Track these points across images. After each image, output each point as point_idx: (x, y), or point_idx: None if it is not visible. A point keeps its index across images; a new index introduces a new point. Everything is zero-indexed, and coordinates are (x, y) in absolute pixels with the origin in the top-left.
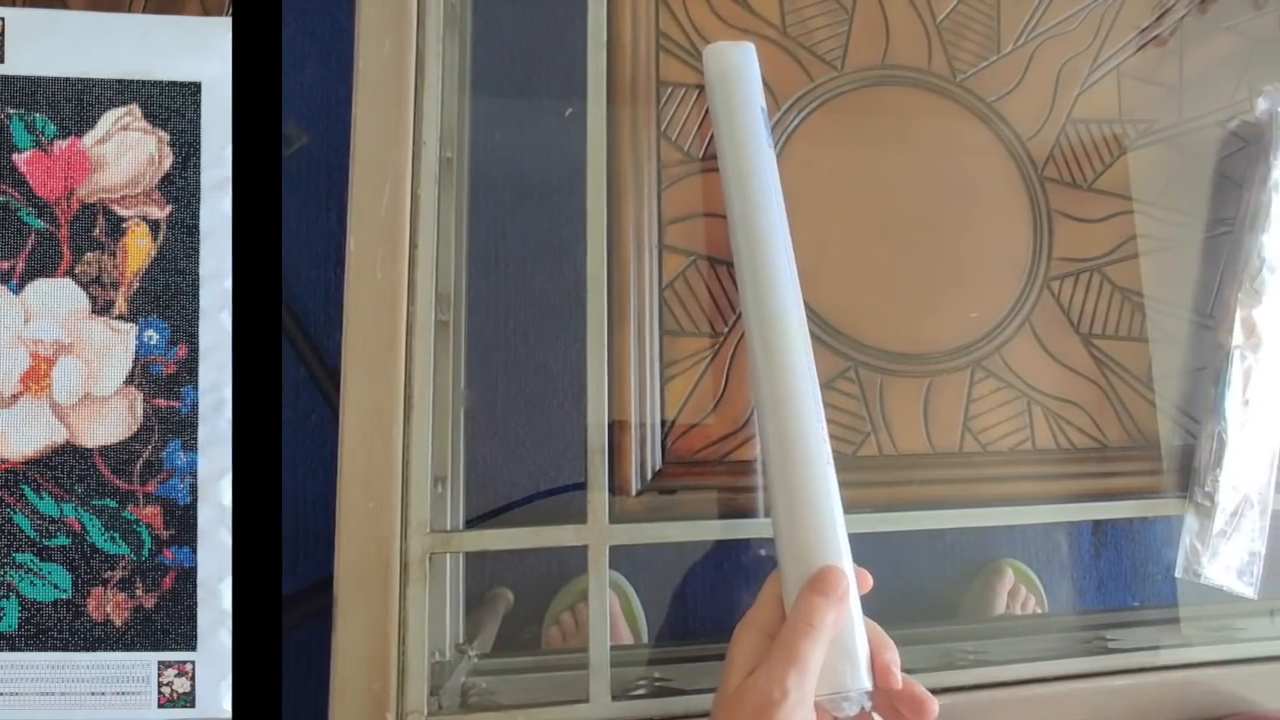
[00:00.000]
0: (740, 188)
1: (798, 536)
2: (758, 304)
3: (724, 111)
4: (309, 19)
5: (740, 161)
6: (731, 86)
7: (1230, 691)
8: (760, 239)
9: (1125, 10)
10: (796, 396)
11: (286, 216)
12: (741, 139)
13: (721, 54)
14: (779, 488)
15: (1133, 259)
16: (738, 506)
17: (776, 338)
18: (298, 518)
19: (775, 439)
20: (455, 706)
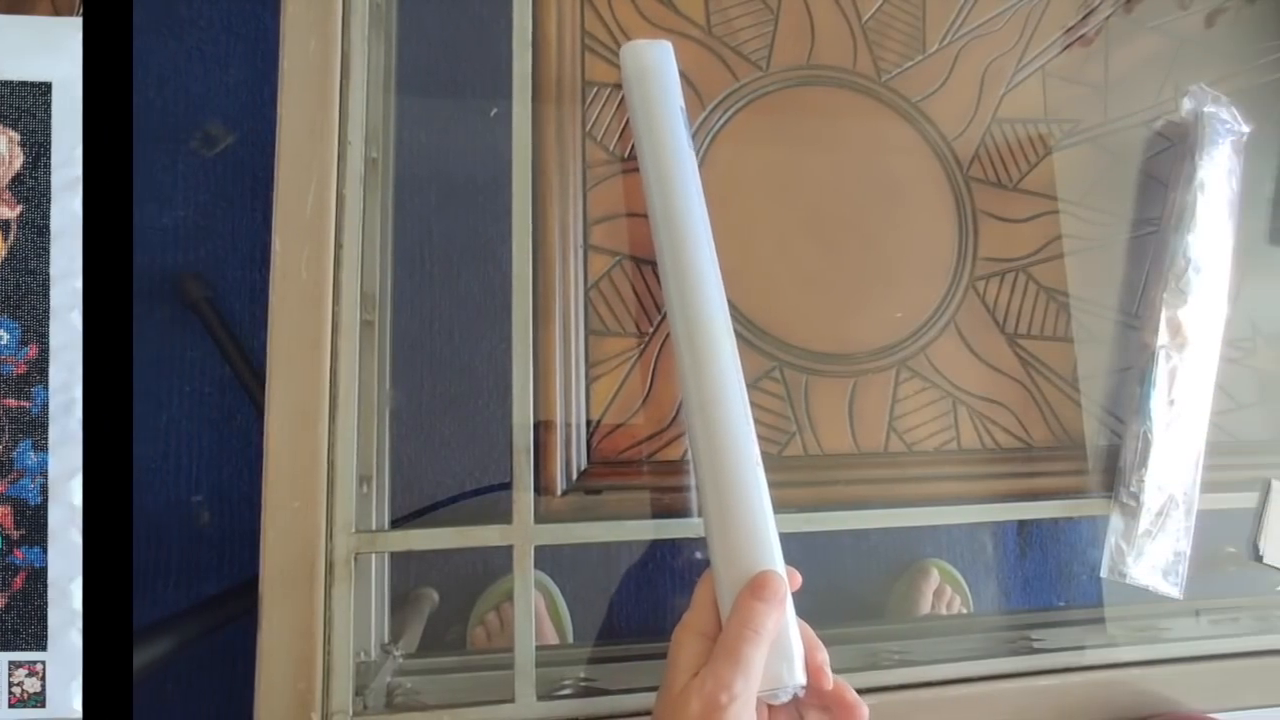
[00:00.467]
0: (660, 187)
1: (730, 539)
2: (682, 305)
3: (642, 111)
4: (234, 19)
5: (659, 161)
6: (649, 86)
7: (1155, 691)
8: (681, 239)
9: (1050, 10)
10: (724, 398)
11: (211, 216)
12: (660, 139)
13: (638, 53)
14: (709, 490)
15: (1058, 259)
16: (663, 506)
17: (702, 339)
18: (223, 518)
19: (704, 441)
20: (380, 706)
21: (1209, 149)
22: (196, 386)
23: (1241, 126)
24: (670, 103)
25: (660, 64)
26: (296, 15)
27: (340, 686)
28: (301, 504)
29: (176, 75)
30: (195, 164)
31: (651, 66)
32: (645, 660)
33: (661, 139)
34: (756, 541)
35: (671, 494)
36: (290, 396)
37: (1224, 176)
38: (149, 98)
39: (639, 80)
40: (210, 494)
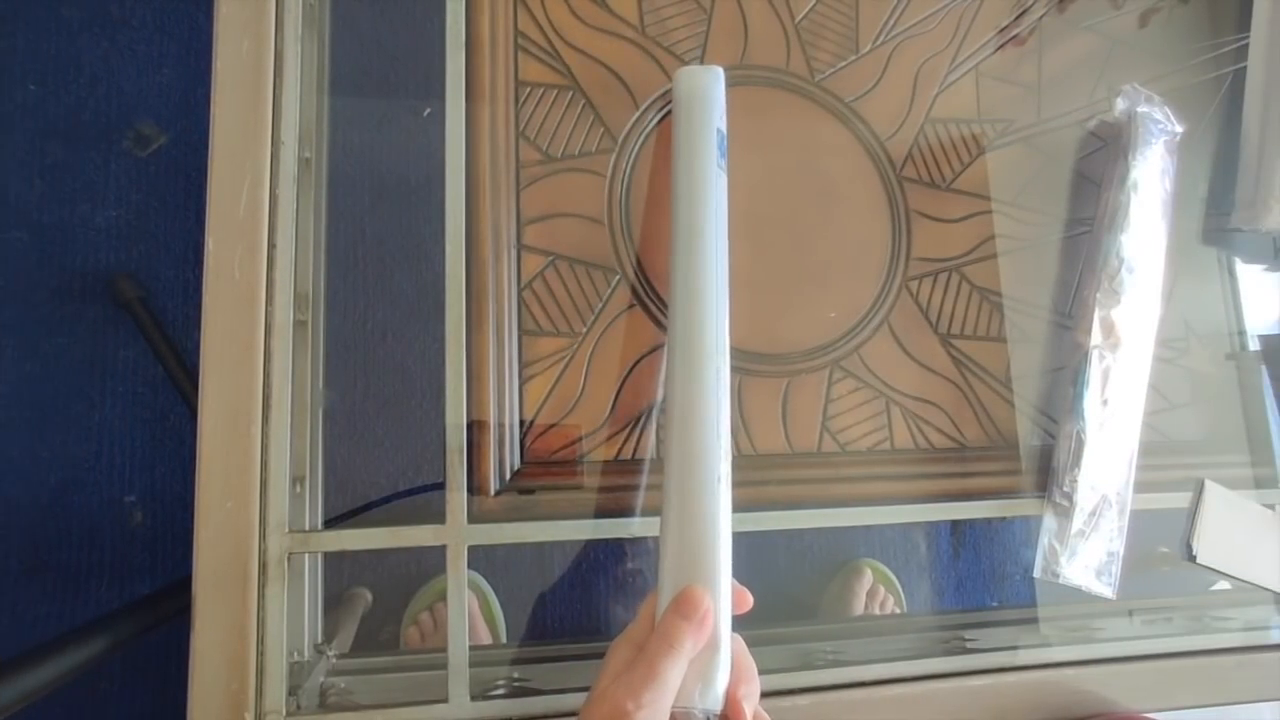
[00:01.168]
0: (687, 206)
1: (678, 556)
2: (686, 317)
3: (684, 133)
4: (167, 19)
5: (690, 183)
6: (695, 108)
7: (1089, 691)
8: (698, 256)
9: (984, 10)
10: (708, 419)
11: (145, 216)
12: (694, 162)
13: (691, 77)
14: (672, 502)
15: (991, 259)
16: (597, 506)
17: (698, 356)
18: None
19: (676, 458)
20: (314, 707)
21: (1142, 149)
22: (130, 386)
23: (1175, 126)
24: (709, 126)
25: (709, 88)
26: (229, 15)
27: (273, 687)
28: (235, 504)
29: (109, 75)
30: (128, 164)
31: (700, 90)
32: (579, 660)
33: (695, 163)
34: (700, 561)
35: (605, 494)
36: (223, 396)
37: (1157, 176)
38: (81, 97)
39: (686, 103)
40: (143, 494)
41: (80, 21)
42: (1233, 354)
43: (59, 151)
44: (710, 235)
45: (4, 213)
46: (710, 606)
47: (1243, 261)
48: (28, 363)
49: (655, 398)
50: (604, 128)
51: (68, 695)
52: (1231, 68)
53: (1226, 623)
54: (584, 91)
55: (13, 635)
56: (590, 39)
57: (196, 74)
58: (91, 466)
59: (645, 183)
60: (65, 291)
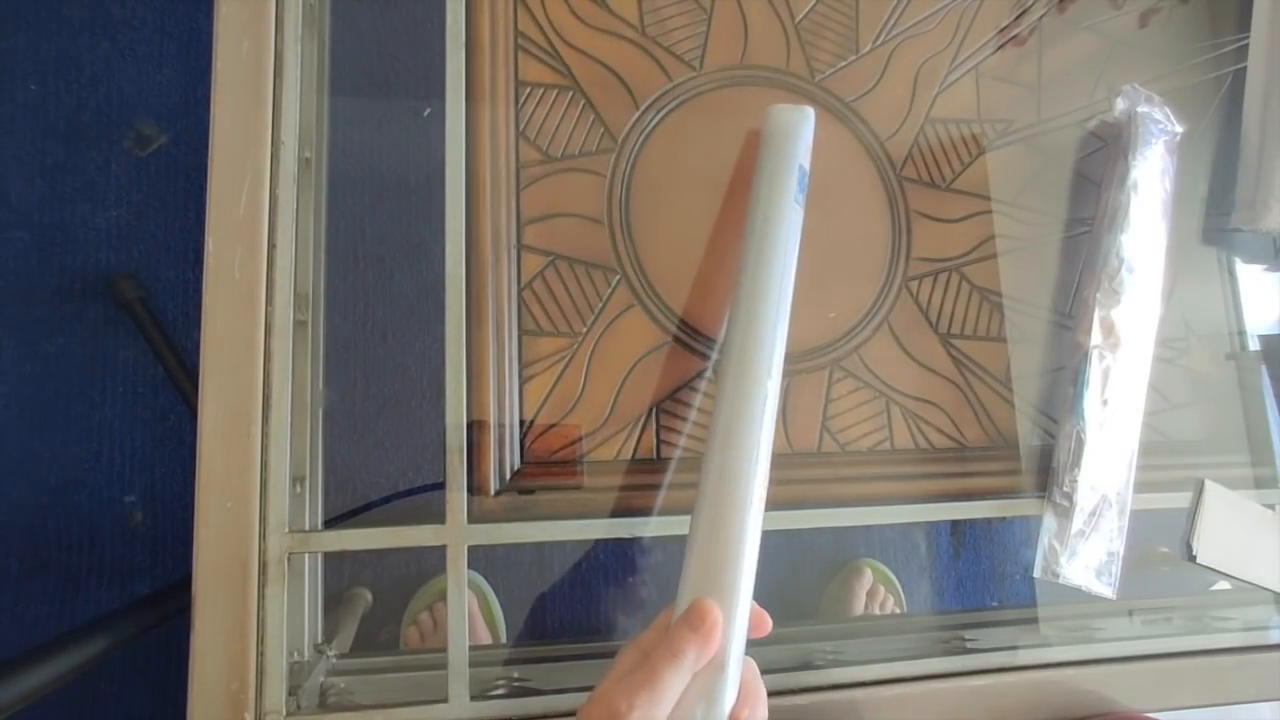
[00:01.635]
0: (760, 235)
1: (700, 571)
2: (742, 346)
3: (767, 170)
4: (167, 19)
5: (766, 214)
6: (782, 146)
7: (1089, 691)
8: (764, 285)
9: (984, 10)
10: (750, 440)
11: (145, 216)
12: (774, 201)
13: (780, 115)
14: (701, 521)
15: (991, 259)
16: (596, 506)
17: (750, 380)
18: (156, 517)
19: (713, 475)
20: (314, 706)
21: (1142, 149)
22: (130, 386)
23: (1174, 126)
24: (792, 167)
25: (798, 127)
26: (230, 15)
27: (273, 686)
28: (235, 504)
29: (109, 75)
30: (128, 164)
31: (788, 129)
32: (578, 660)
33: (774, 196)
34: (724, 577)
35: (604, 494)
36: (223, 396)
37: (1157, 176)
38: (82, 98)
39: (774, 140)
40: (143, 494)
41: (81, 22)
42: (1233, 354)
43: (59, 151)
44: (779, 266)
45: (5, 212)
46: (718, 620)
47: (1243, 261)
48: (28, 363)
49: (655, 398)
50: (604, 128)
51: (68, 695)
52: (1231, 68)
53: (1226, 623)
54: (584, 91)
55: (13, 635)
56: (590, 39)
57: (197, 74)
58: (91, 466)
59: (646, 182)
60: (65, 291)
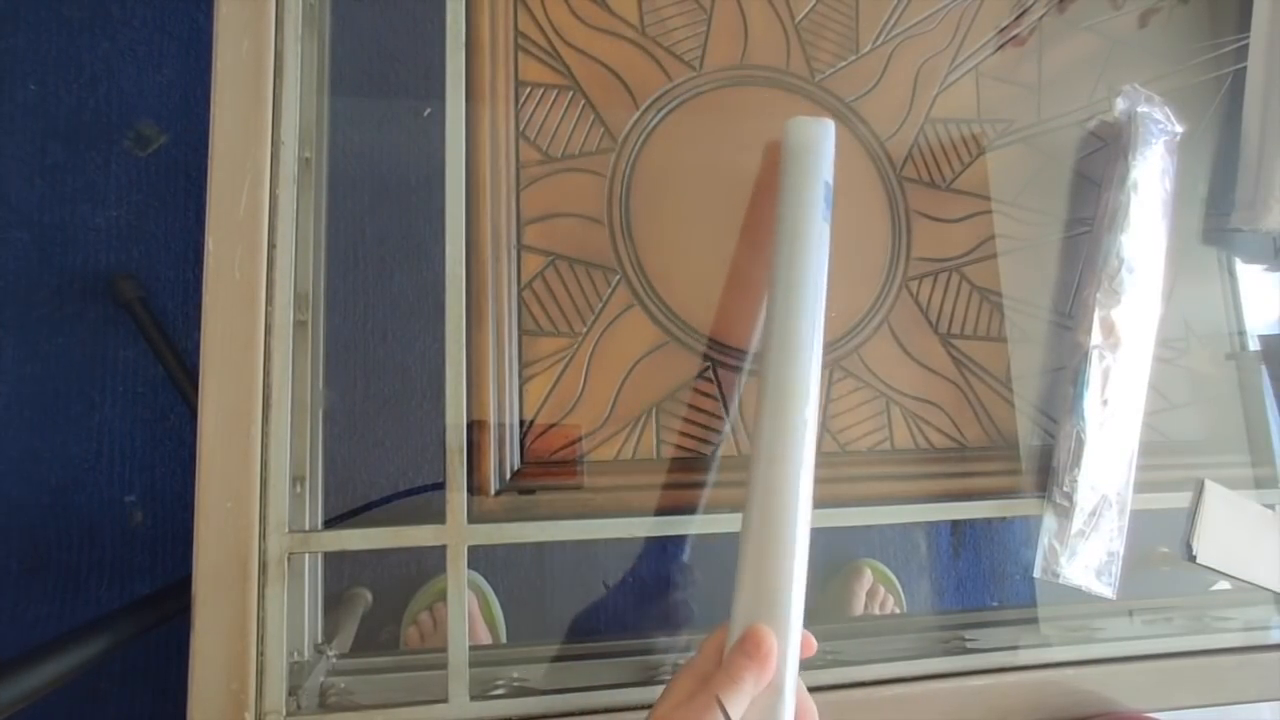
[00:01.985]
0: (788, 257)
1: (752, 597)
2: (779, 374)
3: (792, 184)
4: (167, 19)
5: (795, 235)
6: (805, 161)
7: (1089, 691)
8: (798, 305)
9: (984, 10)
10: (793, 466)
11: (145, 217)
12: (800, 216)
13: (801, 128)
14: (749, 547)
15: (991, 259)
16: (596, 506)
17: (789, 403)
18: (156, 517)
19: (758, 502)
20: (314, 706)
21: (1142, 149)
22: (130, 386)
23: (1174, 126)
24: (817, 184)
25: (820, 142)
26: (229, 15)
27: (273, 686)
28: (235, 504)
29: (109, 75)
30: (128, 164)
31: (812, 144)
32: (578, 660)
33: (802, 216)
34: (777, 604)
35: (605, 494)
36: (223, 396)
37: (1157, 176)
38: (82, 98)
39: (796, 155)
40: (143, 494)
41: (81, 21)
42: (1233, 354)
43: (59, 152)
44: (812, 287)
45: (5, 212)
46: (774, 647)
47: (1243, 261)
48: (28, 363)
49: (656, 398)
50: (604, 128)
51: (68, 695)
52: (1231, 68)
53: (1226, 623)
54: (584, 91)
55: (13, 635)
56: (590, 39)
57: (197, 74)
58: (91, 466)
59: (645, 182)
60: (65, 292)
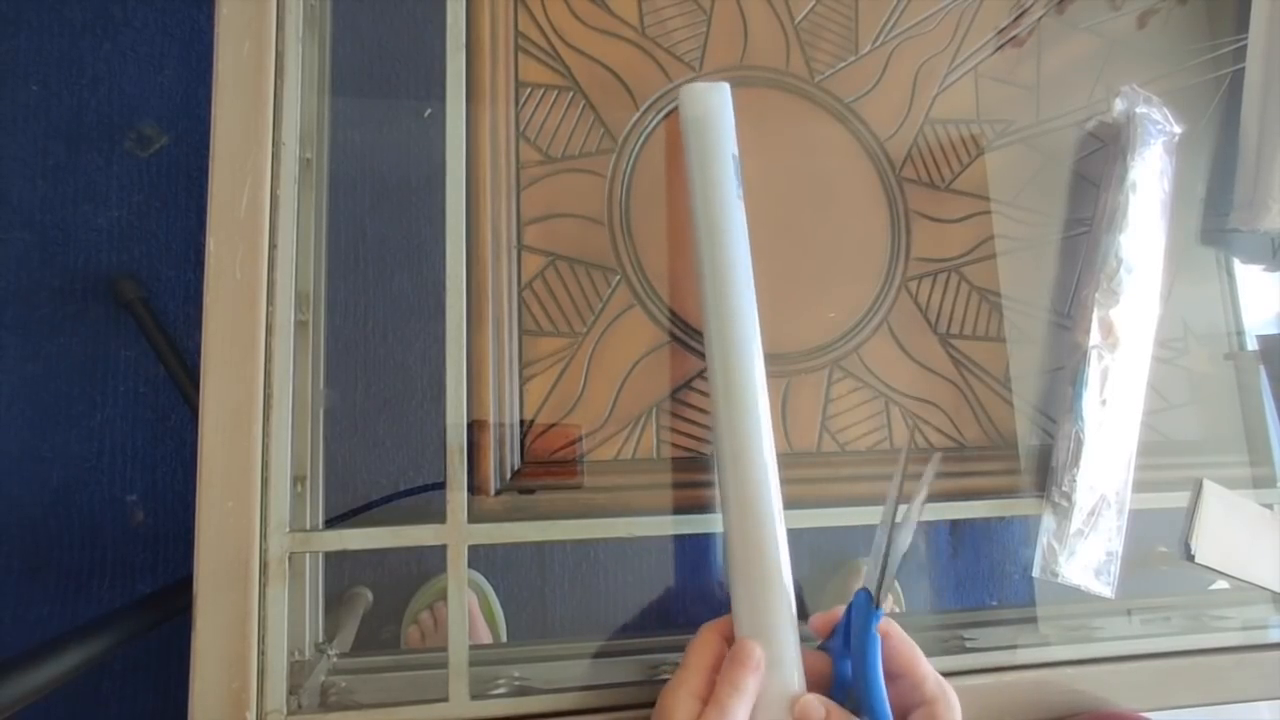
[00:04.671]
0: (709, 236)
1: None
2: (723, 352)
3: (698, 160)
4: (168, 20)
5: (709, 209)
6: (707, 134)
7: (1088, 690)
8: (727, 291)
9: (983, 11)
10: (757, 455)
11: (146, 217)
12: (711, 187)
13: (696, 96)
14: (736, 546)
15: (990, 259)
16: (596, 506)
17: (738, 388)
18: (158, 517)
19: (734, 490)
20: (315, 706)
21: (1141, 150)
22: (131, 386)
23: (1173, 127)
24: (724, 149)
25: (718, 108)
26: (230, 16)
27: (274, 686)
28: (235, 504)
29: (110, 76)
30: (130, 165)
31: (709, 110)
32: (578, 659)
33: (713, 187)
34: (768, 610)
35: (605, 493)
36: (224, 396)
37: (1155, 177)
38: (83, 99)
39: (696, 124)
40: (145, 493)
41: (83, 23)
42: (1231, 354)
43: (61, 152)
44: (740, 269)
45: (6, 213)
46: (762, 656)
47: (1241, 262)
48: (30, 363)
49: (655, 398)
50: (604, 128)
51: (70, 694)
52: (1230, 69)
53: (1225, 622)
54: (584, 92)
55: (14, 634)
56: (590, 39)
57: (198, 75)
58: (93, 466)
59: (645, 183)
60: (67, 292)
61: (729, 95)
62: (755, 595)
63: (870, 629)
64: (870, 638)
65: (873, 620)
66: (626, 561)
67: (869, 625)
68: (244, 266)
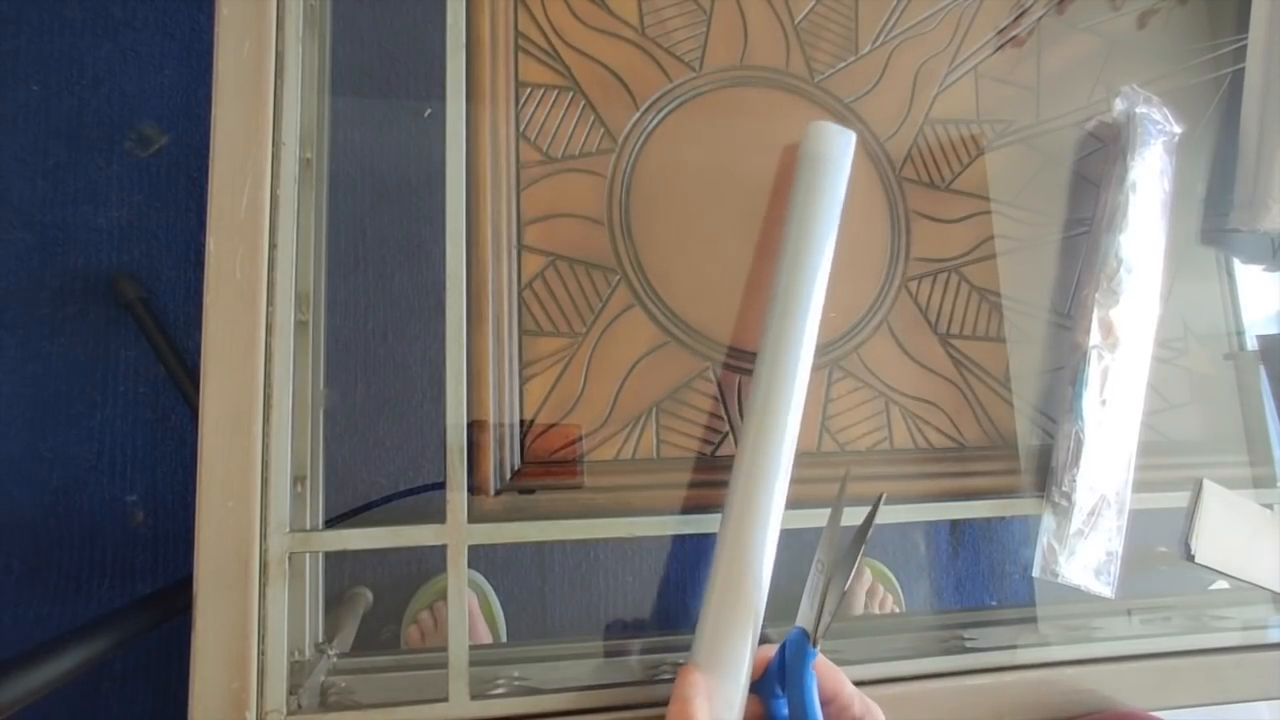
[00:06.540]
0: (794, 265)
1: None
2: (770, 378)
3: (805, 190)
4: (168, 20)
5: (803, 244)
6: (825, 171)
7: (1088, 690)
8: (798, 319)
9: (983, 11)
10: (774, 479)
11: (146, 217)
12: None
13: (823, 135)
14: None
15: (990, 259)
16: (596, 506)
17: (774, 417)
18: (158, 517)
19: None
20: (314, 705)
21: (1141, 150)
22: (131, 386)
23: (1173, 127)
24: (837, 191)
25: (840, 152)
26: (230, 16)
27: (274, 686)
28: (236, 504)
29: (111, 76)
30: (130, 165)
31: (832, 152)
32: (578, 659)
33: (816, 223)
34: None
35: (605, 493)
36: (225, 396)
37: (1156, 177)
38: (84, 99)
39: (814, 161)
40: (145, 494)
41: (83, 23)
42: (1231, 354)
43: (61, 152)
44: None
45: (7, 213)
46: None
47: (1241, 262)
48: (30, 363)
49: (656, 398)
50: (604, 128)
51: (70, 694)
52: (1230, 69)
53: (1224, 622)
54: (584, 92)
55: (14, 634)
56: (590, 39)
57: (198, 75)
58: (93, 466)
59: (645, 183)
60: (67, 292)
61: (854, 144)
62: (721, 634)
63: (808, 668)
64: (809, 676)
65: (809, 659)
66: (626, 561)
67: (806, 665)
68: (244, 266)
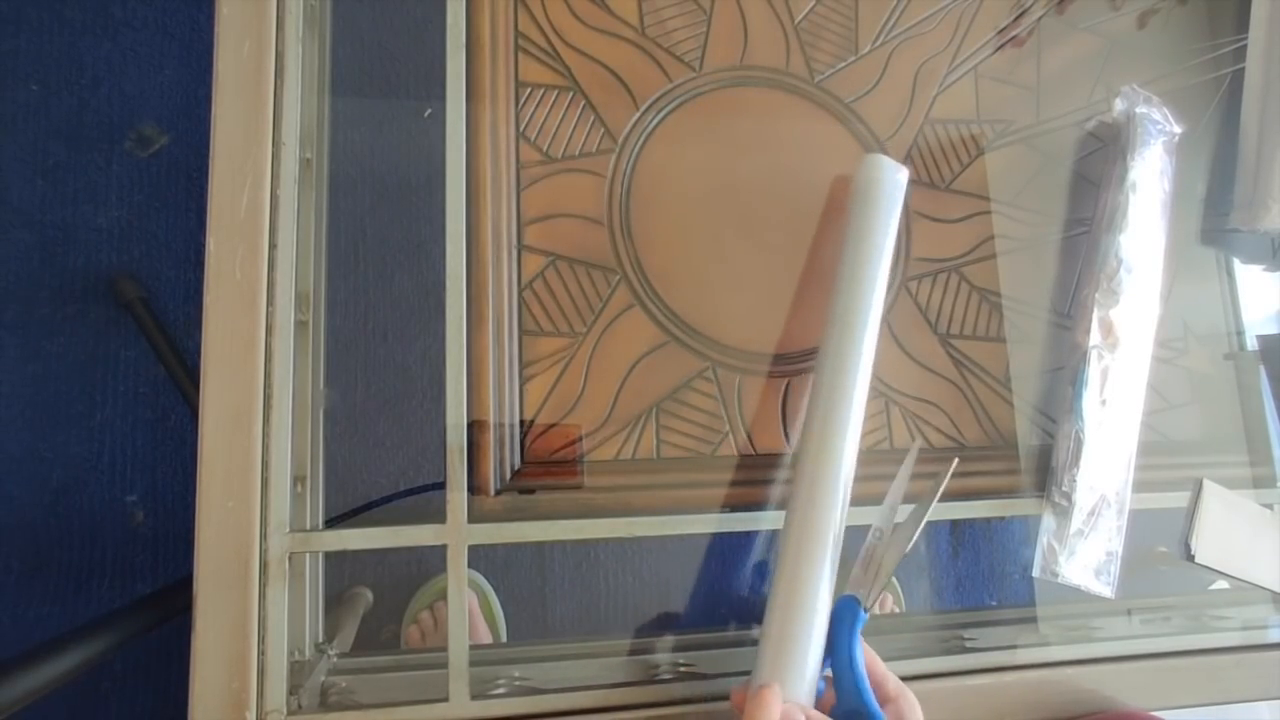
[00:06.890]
0: (849, 293)
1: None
2: (829, 397)
3: (861, 223)
4: (168, 19)
5: (857, 279)
6: (880, 202)
7: (1087, 690)
8: (851, 350)
9: (983, 11)
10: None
11: (146, 217)
12: (867, 254)
13: (879, 166)
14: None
15: (990, 259)
16: (596, 506)
17: (834, 440)
18: (158, 517)
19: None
20: (315, 705)
21: (1141, 149)
22: (131, 386)
23: (1173, 127)
24: (891, 221)
25: (893, 184)
26: (230, 16)
27: (274, 686)
28: (236, 504)
29: (111, 76)
30: (130, 165)
31: (886, 184)
32: (578, 659)
33: (868, 255)
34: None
35: (604, 493)
36: (225, 396)
37: (1155, 177)
38: (84, 99)
39: (869, 191)
40: (145, 494)
41: (82, 23)
42: (1231, 354)
43: (61, 152)
44: (869, 339)
45: (6, 213)
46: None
47: (1241, 262)
48: (29, 363)
49: (656, 398)
50: (604, 128)
51: (70, 694)
52: (1230, 69)
53: (1224, 622)
54: (584, 92)
55: (14, 635)
56: (590, 39)
57: (198, 75)
58: (93, 466)
59: (645, 183)
60: (67, 292)
61: (905, 179)
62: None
63: (856, 633)
64: (856, 642)
65: (859, 623)
66: (626, 561)
67: (855, 630)
68: (244, 266)
